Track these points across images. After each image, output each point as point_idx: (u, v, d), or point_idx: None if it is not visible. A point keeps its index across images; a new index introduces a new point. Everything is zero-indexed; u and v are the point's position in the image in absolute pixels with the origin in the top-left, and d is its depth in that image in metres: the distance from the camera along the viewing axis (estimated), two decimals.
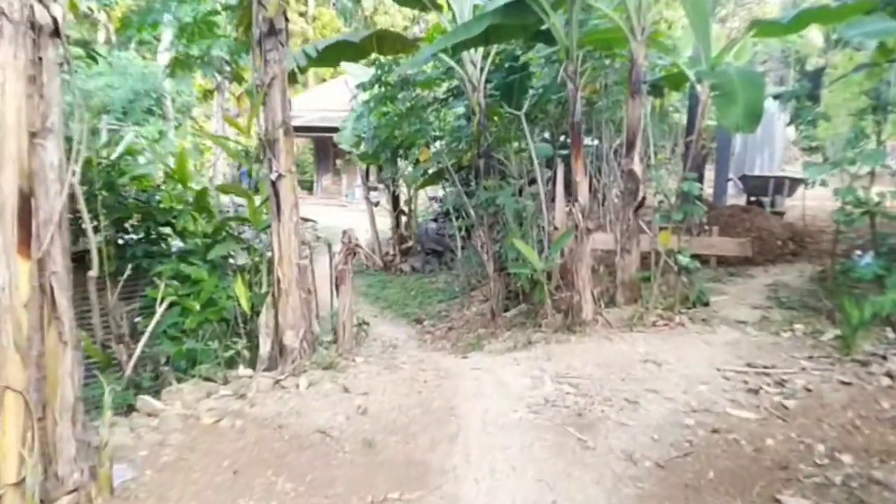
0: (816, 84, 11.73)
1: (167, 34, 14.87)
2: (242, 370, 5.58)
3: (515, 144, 11.72)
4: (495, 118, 11.83)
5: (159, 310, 5.92)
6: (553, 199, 11.17)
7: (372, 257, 6.33)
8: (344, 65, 15.04)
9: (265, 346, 6.59)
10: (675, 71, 10.96)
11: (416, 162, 14.22)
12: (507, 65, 11.16)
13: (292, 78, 10.29)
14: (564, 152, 12.55)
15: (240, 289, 6.66)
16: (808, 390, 5.60)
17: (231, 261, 7.36)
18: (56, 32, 3.45)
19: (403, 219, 18.52)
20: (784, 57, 30.39)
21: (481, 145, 10.99)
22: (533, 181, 12.40)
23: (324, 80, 40.35)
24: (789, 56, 30.52)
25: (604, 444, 4.76)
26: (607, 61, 11.10)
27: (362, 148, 15.90)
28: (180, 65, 8.18)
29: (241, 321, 6.91)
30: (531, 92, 11.56)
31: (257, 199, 6.77)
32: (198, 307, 6.23)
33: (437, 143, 13.81)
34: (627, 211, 8.24)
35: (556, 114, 12.94)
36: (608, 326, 7.79)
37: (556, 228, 10.30)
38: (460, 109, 13.19)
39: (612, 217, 12.05)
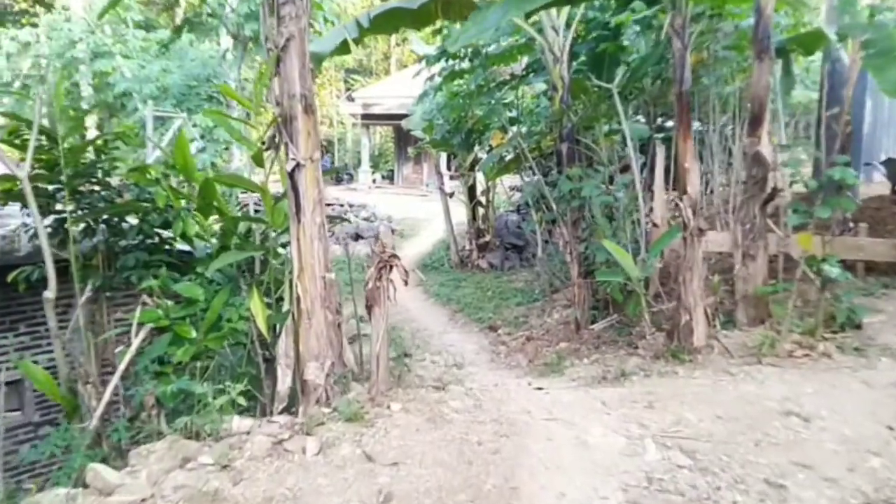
0: None
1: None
2: (238, 422, 4.22)
3: (605, 127, 9.96)
4: (581, 95, 10.09)
5: (135, 340, 4.64)
6: (650, 189, 9.40)
7: (416, 273, 4.68)
8: (416, 45, 13.67)
9: (284, 381, 5.25)
10: (804, 30, 8.98)
11: (490, 148, 12.65)
12: (595, 33, 9.41)
13: (344, 50, 8.94)
14: (662, 135, 10.75)
15: (256, 306, 5.31)
16: None
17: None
18: None
19: (480, 210, 16.96)
20: None
21: (564, 127, 9.31)
22: (626, 168, 10.70)
23: (405, 67, 39.27)
24: None
25: None
26: (717, 24, 9.19)
27: (435, 133, 14.45)
28: (190, 26, 6.93)
29: (261, 346, 5.58)
30: (624, 67, 9.75)
31: (277, 189, 5.39)
32: (194, 333, 4.94)
33: (515, 127, 12.16)
34: (752, 205, 6.42)
35: (654, 91, 11.09)
36: (727, 355, 6.04)
37: (655, 225, 8.54)
38: (541, 86, 11.51)
39: (721, 211, 10.17)
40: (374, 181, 32.80)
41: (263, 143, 5.12)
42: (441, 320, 12.57)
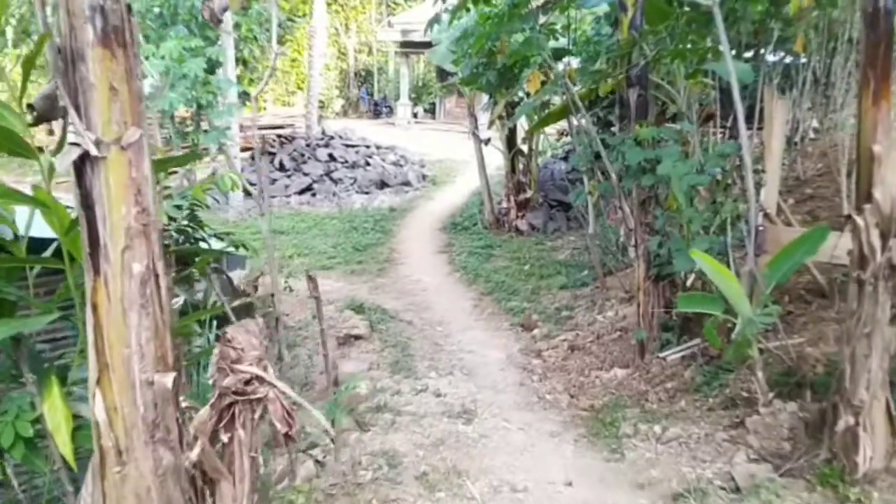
0: None
1: None
2: None
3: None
4: (658, 22, 7.06)
5: None
6: (759, 160, 6.53)
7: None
8: None
9: None
10: None
11: (527, 94, 9.77)
12: None
13: None
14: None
15: (56, 413, 2.83)
16: None
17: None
18: None
19: (522, 161, 14.09)
20: None
21: (634, 64, 6.42)
22: (709, 118, 7.92)
23: None
24: None
25: None
26: None
27: (462, 68, 11.56)
28: None
29: (72, 481, 3.12)
30: None
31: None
32: None
33: (565, 62, 9.19)
34: None
35: (759, 14, 7.91)
36: None
37: (767, 217, 5.70)
38: (603, 7, 8.50)
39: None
40: (414, 115, 30.14)
41: (30, 107, 2.52)
42: (463, 307, 9.98)
